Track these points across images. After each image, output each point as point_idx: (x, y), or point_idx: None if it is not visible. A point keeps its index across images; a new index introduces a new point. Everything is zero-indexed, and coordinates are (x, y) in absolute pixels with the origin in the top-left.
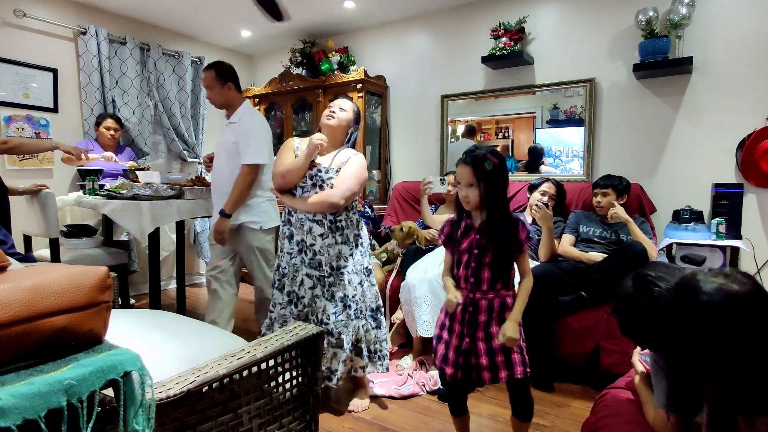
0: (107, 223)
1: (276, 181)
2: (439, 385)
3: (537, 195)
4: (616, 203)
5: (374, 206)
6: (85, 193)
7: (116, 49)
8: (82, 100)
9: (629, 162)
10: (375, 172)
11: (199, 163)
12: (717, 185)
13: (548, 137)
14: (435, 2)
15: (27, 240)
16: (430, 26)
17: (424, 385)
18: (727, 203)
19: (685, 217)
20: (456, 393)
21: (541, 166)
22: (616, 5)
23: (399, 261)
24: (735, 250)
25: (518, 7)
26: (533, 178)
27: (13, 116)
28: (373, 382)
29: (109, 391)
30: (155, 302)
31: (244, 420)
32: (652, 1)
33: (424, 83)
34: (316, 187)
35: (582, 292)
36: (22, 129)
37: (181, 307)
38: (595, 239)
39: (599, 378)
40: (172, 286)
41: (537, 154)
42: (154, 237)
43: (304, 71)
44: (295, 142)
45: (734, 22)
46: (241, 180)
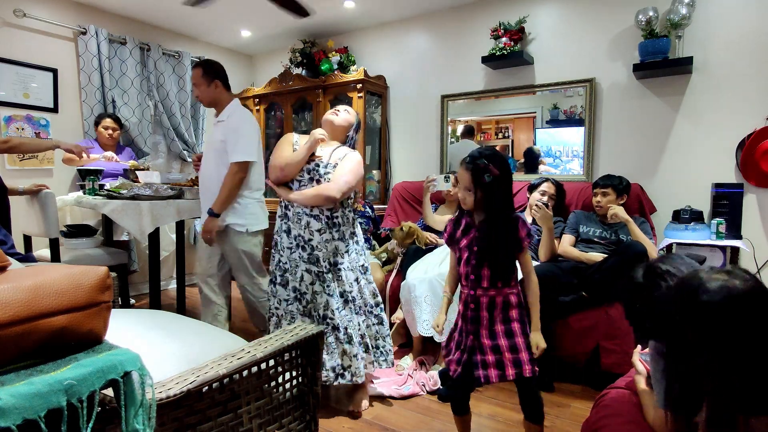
0: (107, 223)
1: (274, 173)
2: (439, 385)
3: (537, 195)
4: (614, 204)
5: (374, 206)
6: (85, 193)
7: (116, 49)
8: (82, 100)
9: (629, 162)
10: (375, 172)
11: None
12: (717, 185)
13: (548, 137)
14: (435, 2)
15: (27, 240)
16: (430, 26)
17: (424, 385)
18: (727, 203)
19: (685, 217)
20: (458, 391)
21: (540, 166)
22: (616, 5)
23: (399, 261)
24: (735, 250)
25: (518, 7)
26: (532, 178)
27: (13, 116)
28: (373, 382)
29: (109, 391)
30: (155, 302)
31: (244, 420)
32: (652, 1)
33: (424, 83)
34: (313, 181)
35: (583, 293)
36: (22, 129)
37: (181, 307)
38: (595, 239)
39: (599, 378)
40: (172, 286)
41: (533, 156)
42: (154, 237)
43: (304, 71)
44: (294, 137)
45: (734, 22)
46: (230, 179)
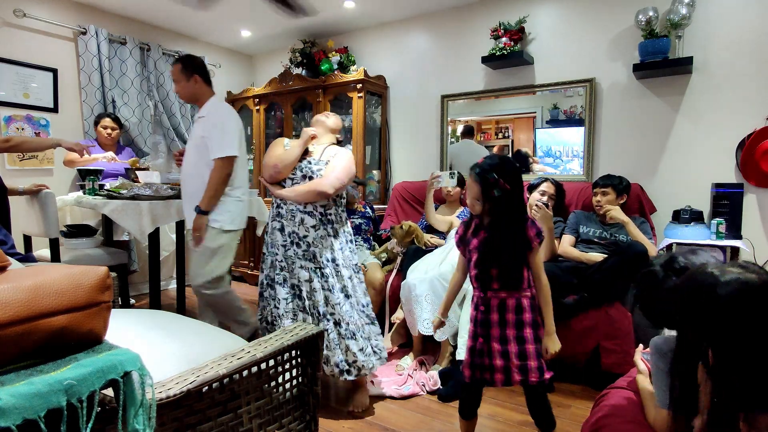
0: (107, 223)
1: (267, 171)
2: (439, 385)
3: (536, 195)
4: (614, 204)
5: (374, 206)
6: (85, 193)
7: (116, 49)
8: (82, 100)
9: (629, 162)
10: (375, 172)
11: None
12: (717, 185)
13: (548, 137)
14: (435, 2)
15: (27, 240)
16: (430, 26)
17: (424, 385)
18: (727, 203)
19: (685, 217)
20: (469, 395)
21: (534, 166)
22: (616, 5)
23: (399, 260)
24: (735, 250)
25: (518, 7)
26: (530, 179)
27: (13, 116)
28: (372, 382)
29: (109, 391)
30: (155, 302)
31: (244, 420)
32: (652, 1)
33: (424, 83)
34: (305, 178)
35: (584, 293)
36: (22, 129)
37: (181, 307)
38: (595, 240)
39: (599, 378)
40: (172, 286)
41: (521, 159)
42: (154, 237)
43: (304, 71)
44: (285, 140)
45: (734, 22)
46: (216, 175)
